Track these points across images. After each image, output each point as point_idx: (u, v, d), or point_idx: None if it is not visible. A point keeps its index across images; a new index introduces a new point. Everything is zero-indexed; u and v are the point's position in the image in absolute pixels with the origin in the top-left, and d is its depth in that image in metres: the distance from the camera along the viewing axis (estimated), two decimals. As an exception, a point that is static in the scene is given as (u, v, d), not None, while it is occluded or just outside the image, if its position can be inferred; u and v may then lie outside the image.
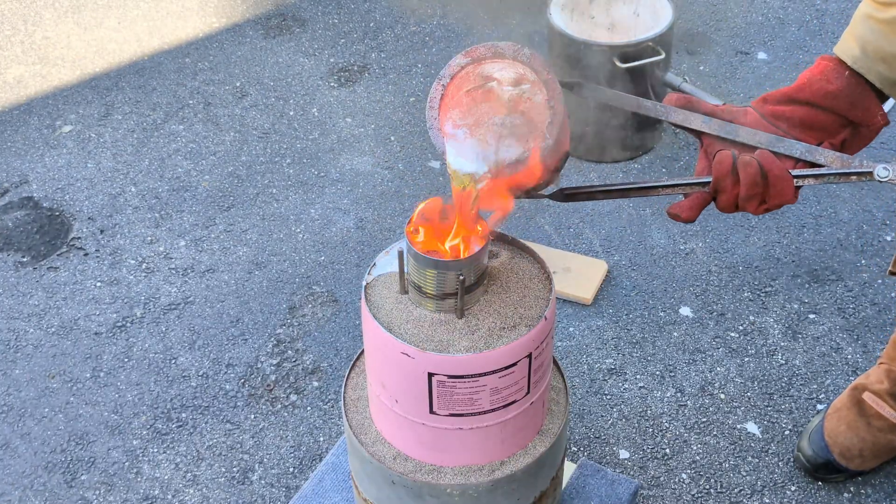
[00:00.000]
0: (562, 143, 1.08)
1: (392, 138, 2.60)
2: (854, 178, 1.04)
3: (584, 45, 2.32)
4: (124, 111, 2.72)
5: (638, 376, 1.95)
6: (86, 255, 2.28)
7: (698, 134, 1.08)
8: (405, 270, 1.16)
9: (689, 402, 1.90)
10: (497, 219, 1.10)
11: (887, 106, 2.58)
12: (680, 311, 2.09)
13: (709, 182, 1.05)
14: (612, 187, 1.12)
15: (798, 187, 1.04)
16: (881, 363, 1.73)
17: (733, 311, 2.08)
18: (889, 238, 2.24)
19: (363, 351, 1.30)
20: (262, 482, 1.79)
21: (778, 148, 1.06)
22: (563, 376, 1.34)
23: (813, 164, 1.06)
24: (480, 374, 1.12)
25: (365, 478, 1.29)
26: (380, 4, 3.15)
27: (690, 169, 2.48)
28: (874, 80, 1.06)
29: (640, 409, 1.89)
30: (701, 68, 2.79)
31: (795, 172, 1.04)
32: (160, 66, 2.89)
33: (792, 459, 1.79)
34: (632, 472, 1.78)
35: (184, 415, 1.91)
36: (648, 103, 1.11)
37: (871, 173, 1.03)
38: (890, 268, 1.58)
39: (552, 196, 1.12)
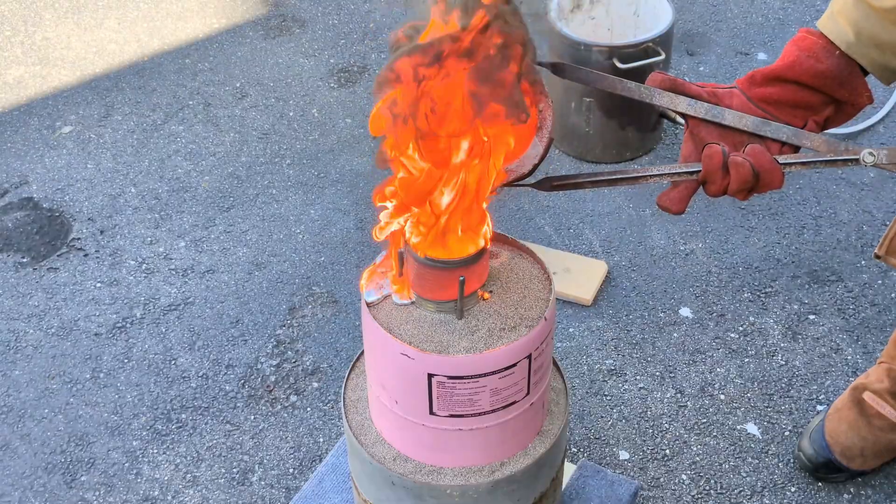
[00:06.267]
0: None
1: (392, 139, 2.59)
2: (840, 163, 1.05)
3: (583, 46, 2.32)
4: (124, 112, 2.72)
5: (638, 377, 1.95)
6: (86, 255, 2.28)
7: (683, 116, 1.08)
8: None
9: (689, 402, 1.90)
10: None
11: (888, 105, 2.59)
12: (680, 311, 2.09)
13: (697, 171, 1.05)
14: (600, 177, 1.11)
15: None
16: (881, 362, 1.73)
17: (733, 311, 2.08)
18: (889, 239, 2.24)
19: (363, 352, 1.30)
20: (262, 483, 1.79)
21: (764, 131, 1.06)
22: (562, 377, 1.34)
23: (799, 147, 1.07)
24: (480, 375, 1.12)
25: (365, 479, 1.29)
26: (380, 5, 3.15)
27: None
28: (867, 66, 1.06)
29: (640, 410, 1.89)
30: (701, 69, 2.79)
31: (783, 160, 1.04)
32: (160, 66, 2.89)
33: (792, 460, 1.79)
34: (632, 473, 1.78)
35: (183, 416, 1.91)
36: (632, 85, 1.10)
37: (857, 159, 1.04)
38: (875, 250, 1.57)
39: (538, 185, 1.11)
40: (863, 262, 2.18)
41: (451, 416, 1.15)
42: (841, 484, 1.75)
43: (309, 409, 1.92)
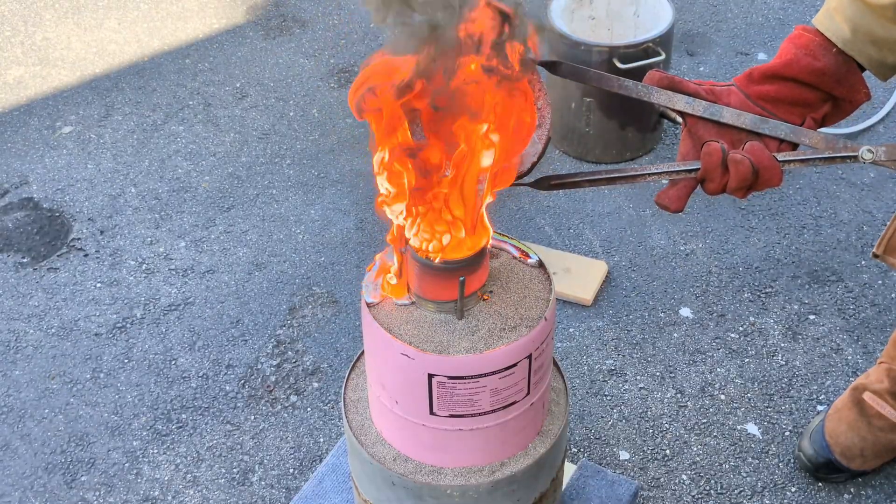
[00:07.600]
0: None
1: (392, 139, 2.59)
2: (839, 160, 1.05)
3: (583, 46, 2.32)
4: (124, 112, 2.72)
5: (638, 377, 1.95)
6: (86, 255, 2.28)
7: (681, 114, 1.08)
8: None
9: (689, 403, 1.90)
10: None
11: (888, 105, 2.59)
12: (680, 311, 2.09)
13: (696, 169, 1.05)
14: (599, 175, 1.10)
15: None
16: (881, 362, 1.73)
17: (733, 311, 2.08)
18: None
19: (363, 352, 1.30)
20: (262, 483, 1.79)
21: (762, 129, 1.06)
22: (563, 377, 1.34)
23: (797, 145, 1.07)
24: (480, 375, 1.12)
25: (365, 479, 1.29)
26: (380, 5, 3.14)
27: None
28: (864, 63, 1.06)
29: (641, 410, 1.89)
30: (701, 69, 2.79)
31: (782, 157, 1.04)
32: (160, 67, 2.89)
33: (792, 460, 1.79)
34: (632, 474, 1.78)
35: (184, 416, 1.91)
36: (629, 83, 1.10)
37: (855, 156, 1.04)
38: (874, 250, 1.57)
39: (535, 185, 1.10)
40: (863, 263, 2.18)
41: (452, 416, 1.15)
42: (841, 484, 1.75)
43: (309, 409, 1.92)
